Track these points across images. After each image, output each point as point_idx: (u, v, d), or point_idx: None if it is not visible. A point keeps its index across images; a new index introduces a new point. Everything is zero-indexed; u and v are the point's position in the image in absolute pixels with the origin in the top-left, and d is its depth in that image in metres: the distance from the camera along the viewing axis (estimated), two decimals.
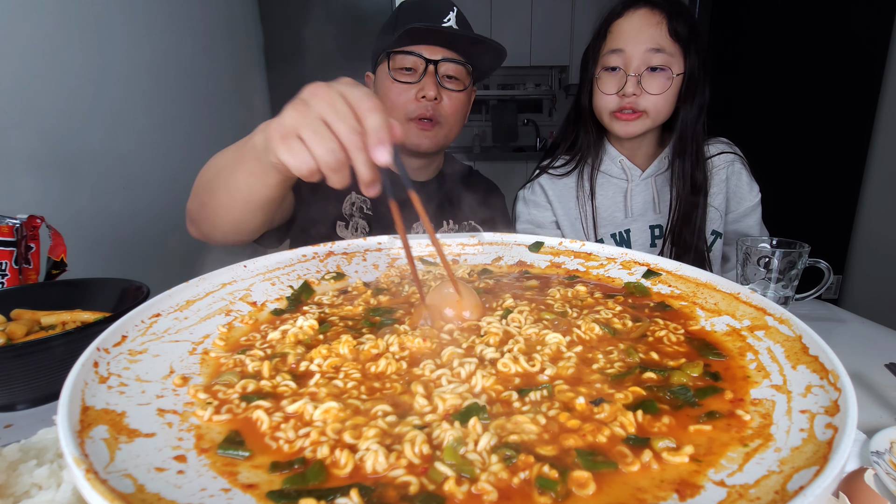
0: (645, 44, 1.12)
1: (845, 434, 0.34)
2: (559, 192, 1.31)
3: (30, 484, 0.48)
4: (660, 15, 1.12)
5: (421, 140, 1.17)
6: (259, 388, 0.47)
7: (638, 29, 1.13)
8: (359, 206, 1.21)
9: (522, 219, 1.35)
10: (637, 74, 1.13)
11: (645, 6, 1.14)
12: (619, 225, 1.28)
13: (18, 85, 1.36)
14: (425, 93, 1.11)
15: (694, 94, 1.15)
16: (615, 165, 1.27)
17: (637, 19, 1.14)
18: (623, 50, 1.14)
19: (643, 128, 1.17)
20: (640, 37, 1.12)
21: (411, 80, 1.12)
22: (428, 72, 1.11)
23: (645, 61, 1.12)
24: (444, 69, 1.13)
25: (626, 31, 1.14)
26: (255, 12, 2.86)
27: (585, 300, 0.69)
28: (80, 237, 1.33)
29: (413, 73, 1.13)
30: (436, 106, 1.14)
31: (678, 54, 1.13)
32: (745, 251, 0.99)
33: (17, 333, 0.75)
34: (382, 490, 0.34)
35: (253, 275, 0.70)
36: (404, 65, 1.12)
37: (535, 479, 0.35)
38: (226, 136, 0.96)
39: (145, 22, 1.89)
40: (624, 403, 0.44)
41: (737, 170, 1.26)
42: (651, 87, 1.13)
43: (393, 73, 1.13)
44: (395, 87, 1.13)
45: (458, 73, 1.15)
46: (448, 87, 1.14)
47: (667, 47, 1.12)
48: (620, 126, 1.18)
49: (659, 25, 1.12)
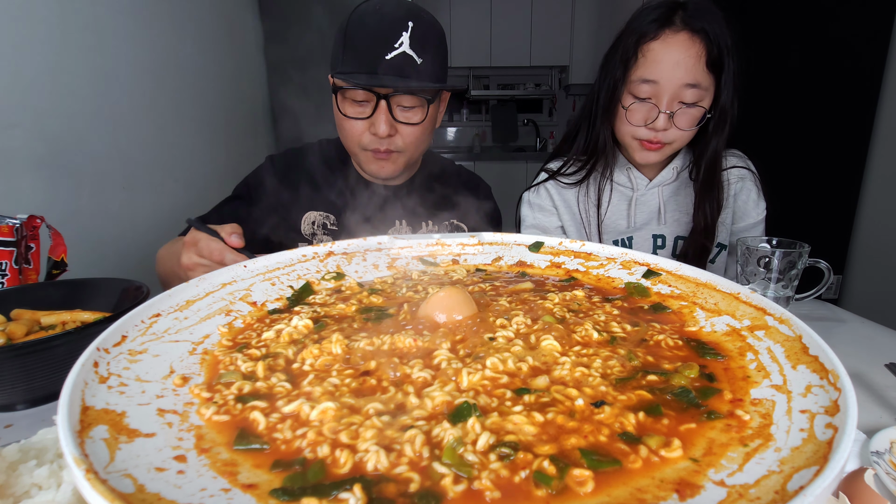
0: (682, 79, 1.04)
1: (845, 434, 0.34)
2: (566, 197, 1.29)
3: (30, 484, 0.48)
4: (700, 45, 1.03)
5: (379, 170, 1.11)
6: (255, 388, 0.47)
7: (675, 62, 1.04)
8: (321, 224, 1.17)
9: (528, 223, 1.32)
10: (670, 111, 1.07)
11: (684, 30, 1.04)
12: (621, 232, 1.27)
13: (18, 85, 1.36)
14: (376, 130, 1.04)
15: (724, 126, 1.11)
16: (622, 174, 1.25)
17: (675, 48, 1.04)
18: (657, 82, 1.06)
19: (663, 157, 1.16)
20: (677, 71, 1.04)
21: (362, 116, 1.04)
22: (379, 107, 1.02)
23: (678, 96, 1.06)
24: (397, 100, 1.03)
25: (662, 61, 1.05)
26: (255, 12, 2.86)
27: (583, 304, 0.68)
28: (80, 237, 1.33)
29: (365, 106, 1.04)
30: (390, 140, 1.06)
31: (712, 86, 1.07)
32: (745, 251, 0.99)
33: (17, 333, 0.75)
34: (384, 485, 0.35)
35: (253, 275, 0.70)
36: (355, 98, 1.04)
37: (532, 475, 0.36)
38: (225, 136, 0.96)
39: (145, 22, 1.89)
40: (626, 405, 0.44)
41: (746, 187, 1.24)
42: (681, 122, 1.08)
43: (342, 107, 1.05)
44: (347, 121, 1.06)
45: (414, 102, 1.05)
46: (403, 120, 1.05)
47: (702, 82, 1.05)
48: (642, 154, 1.15)
49: (698, 58, 1.04)
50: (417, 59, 1.01)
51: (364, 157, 1.11)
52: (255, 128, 2.88)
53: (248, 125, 2.78)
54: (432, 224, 1.22)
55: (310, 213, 1.17)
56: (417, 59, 1.01)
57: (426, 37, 1.02)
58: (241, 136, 2.68)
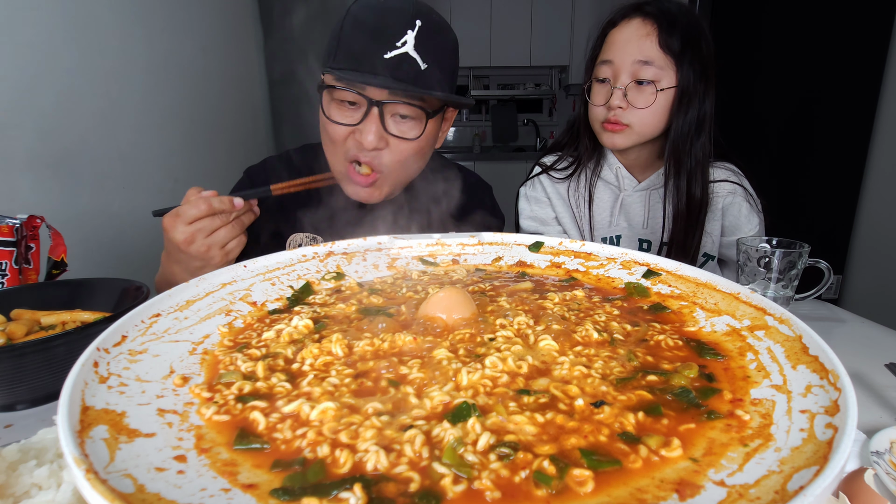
0: (632, 55, 1.09)
1: (845, 434, 0.34)
2: (559, 190, 1.32)
3: (30, 484, 0.47)
4: (651, 26, 1.08)
5: (358, 193, 0.98)
6: (255, 388, 0.47)
7: (627, 40, 1.10)
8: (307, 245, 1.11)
9: (525, 215, 1.35)
10: (623, 87, 1.10)
11: (637, 16, 1.10)
12: (608, 230, 1.28)
13: (18, 85, 1.36)
14: (362, 139, 0.91)
15: (688, 108, 1.11)
16: (611, 172, 1.26)
17: (628, 30, 1.11)
18: (612, 61, 1.12)
19: (629, 141, 1.15)
20: (629, 48, 1.10)
21: (350, 123, 0.91)
22: (370, 114, 0.89)
23: (632, 73, 1.10)
24: (392, 108, 0.90)
25: (617, 42, 1.12)
26: (255, 12, 2.86)
27: (583, 304, 0.68)
28: (80, 237, 1.33)
29: (355, 110, 0.91)
30: (377, 154, 0.93)
31: (669, 67, 1.09)
32: (745, 251, 0.99)
33: (17, 333, 0.75)
34: (384, 484, 0.35)
35: (253, 275, 0.70)
36: (344, 98, 0.91)
37: (532, 475, 0.36)
38: (225, 137, 0.96)
39: (145, 22, 1.89)
40: (626, 405, 0.44)
41: (737, 202, 1.21)
42: (637, 101, 1.11)
43: (327, 109, 0.92)
44: (332, 125, 0.93)
45: (411, 113, 0.91)
46: (396, 133, 0.92)
47: (656, 60, 1.08)
48: (607, 137, 1.17)
49: (648, 37, 1.08)
50: (422, 64, 0.88)
51: (343, 178, 0.98)
52: (255, 128, 2.88)
53: (247, 126, 2.78)
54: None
55: (296, 235, 1.09)
56: (422, 64, 0.88)
57: (436, 41, 0.90)
58: (241, 136, 2.68)
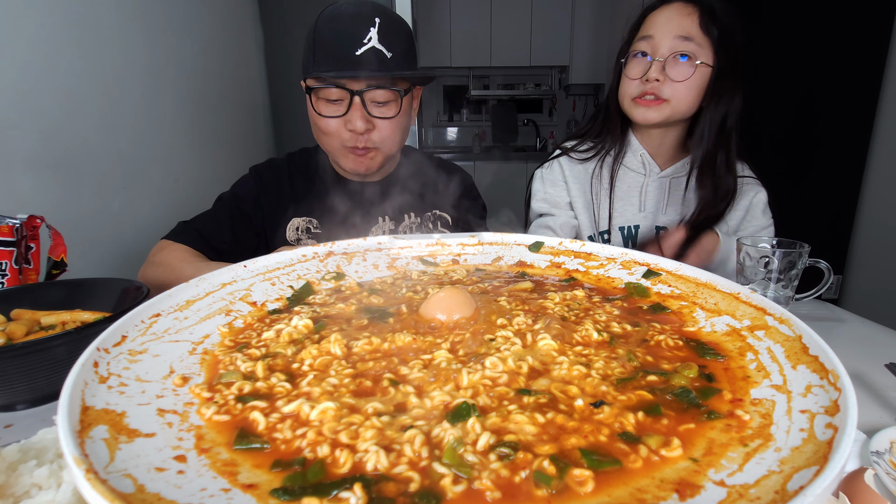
0: (674, 31, 1.12)
1: (845, 434, 0.34)
2: (577, 174, 1.31)
3: (30, 484, 0.47)
4: (692, 8, 1.12)
5: (357, 167, 1.15)
6: (255, 388, 0.47)
7: (668, 18, 1.14)
8: (304, 228, 1.19)
9: (538, 196, 1.35)
10: (663, 59, 1.12)
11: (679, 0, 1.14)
12: (629, 219, 1.28)
13: (18, 85, 1.36)
14: (353, 126, 1.08)
15: (721, 93, 1.13)
16: (636, 159, 1.26)
17: (670, 10, 1.15)
18: (652, 36, 1.14)
19: (663, 116, 1.15)
20: (670, 24, 1.13)
21: (337, 114, 1.08)
22: (354, 103, 1.06)
23: (672, 48, 1.12)
24: (371, 96, 1.07)
25: (658, 21, 1.15)
26: (255, 12, 2.86)
27: (583, 304, 0.68)
28: (80, 237, 1.33)
29: (339, 104, 1.08)
30: (368, 136, 1.10)
31: (707, 46, 1.12)
32: (745, 251, 0.99)
33: (17, 333, 0.74)
34: (384, 484, 0.35)
35: (253, 275, 0.70)
36: (328, 97, 1.07)
37: (532, 475, 0.36)
38: (225, 137, 0.96)
39: (145, 22, 1.89)
40: (626, 405, 0.44)
41: (758, 200, 1.25)
42: (675, 74, 1.12)
43: (316, 107, 1.09)
44: (323, 120, 1.10)
45: (388, 96, 1.08)
46: (377, 114, 1.09)
47: (696, 37, 1.11)
48: (640, 112, 1.17)
49: (690, 16, 1.12)
50: (387, 53, 1.04)
51: (342, 155, 1.14)
52: (255, 128, 2.87)
53: (247, 125, 2.78)
54: (414, 216, 1.24)
55: (294, 220, 1.19)
56: (387, 53, 1.04)
57: (394, 31, 1.06)
58: (241, 136, 2.68)
